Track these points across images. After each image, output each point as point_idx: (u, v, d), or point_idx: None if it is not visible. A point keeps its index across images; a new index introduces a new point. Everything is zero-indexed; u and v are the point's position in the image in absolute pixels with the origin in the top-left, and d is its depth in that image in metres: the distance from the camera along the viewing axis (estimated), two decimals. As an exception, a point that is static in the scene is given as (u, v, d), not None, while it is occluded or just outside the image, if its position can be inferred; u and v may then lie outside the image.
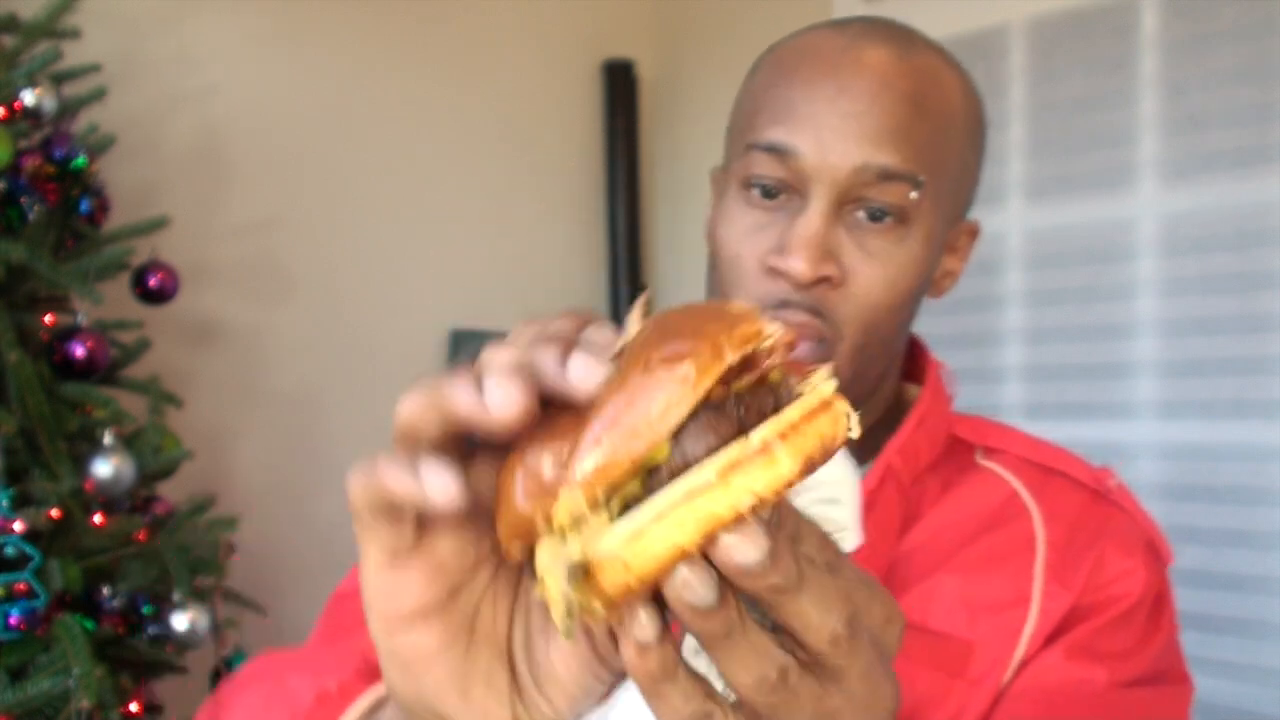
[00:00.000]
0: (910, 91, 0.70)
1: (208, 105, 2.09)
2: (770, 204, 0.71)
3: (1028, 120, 2.27)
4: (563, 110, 2.63)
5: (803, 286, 0.69)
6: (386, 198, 2.35)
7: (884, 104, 0.69)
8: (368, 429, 2.28)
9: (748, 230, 0.72)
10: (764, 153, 0.70)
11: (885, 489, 0.76)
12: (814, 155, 0.69)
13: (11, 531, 1.33)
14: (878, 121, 0.68)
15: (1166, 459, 2.08)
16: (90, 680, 1.32)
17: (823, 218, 0.69)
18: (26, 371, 1.42)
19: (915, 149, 0.69)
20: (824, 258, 0.69)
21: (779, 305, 0.70)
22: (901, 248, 0.71)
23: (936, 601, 0.73)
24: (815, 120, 0.69)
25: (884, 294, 0.71)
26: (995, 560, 0.74)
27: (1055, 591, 0.73)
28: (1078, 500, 0.78)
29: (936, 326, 2.62)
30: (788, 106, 0.70)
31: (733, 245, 0.73)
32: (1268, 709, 1.92)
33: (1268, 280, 1.98)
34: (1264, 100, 1.99)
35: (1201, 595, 1.97)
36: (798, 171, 0.69)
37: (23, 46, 1.53)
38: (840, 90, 0.69)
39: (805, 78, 0.70)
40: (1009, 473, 0.79)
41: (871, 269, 0.70)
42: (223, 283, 2.10)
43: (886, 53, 0.70)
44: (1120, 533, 0.76)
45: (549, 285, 2.59)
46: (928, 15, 2.43)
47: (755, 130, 0.72)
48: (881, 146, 0.68)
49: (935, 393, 0.81)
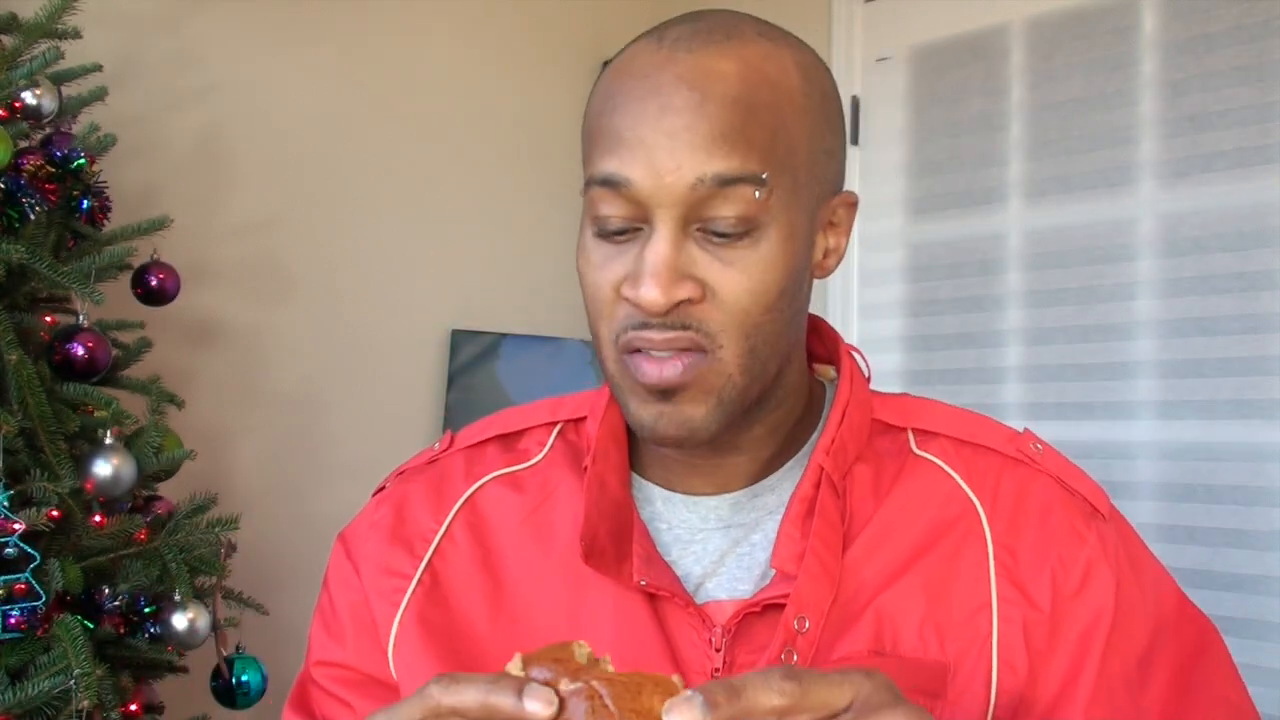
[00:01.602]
0: (735, 92, 0.68)
1: (208, 105, 2.09)
2: (620, 239, 0.71)
3: (1027, 120, 2.27)
4: (563, 110, 2.63)
5: (659, 314, 0.68)
6: (386, 198, 2.36)
7: (708, 112, 0.67)
8: (368, 429, 2.28)
9: (600, 263, 0.72)
10: (601, 187, 0.70)
11: (822, 495, 0.74)
12: (648, 181, 0.67)
13: (11, 531, 1.33)
14: (704, 131, 0.67)
15: (1166, 459, 2.08)
16: (90, 680, 1.32)
17: (670, 243, 0.68)
18: (27, 372, 1.42)
19: (750, 148, 0.68)
20: (676, 282, 0.68)
21: (640, 326, 0.69)
22: (757, 252, 0.69)
23: (903, 627, 0.72)
24: (644, 145, 0.68)
25: (752, 300, 0.69)
26: (951, 569, 0.74)
27: (1010, 595, 0.73)
28: (1013, 481, 0.77)
29: (936, 327, 2.64)
30: (616, 136, 0.69)
31: (590, 276, 0.73)
32: (1268, 709, 1.92)
33: (1268, 280, 1.98)
34: (1264, 100, 1.99)
35: (1201, 595, 1.96)
36: (637, 201, 0.68)
37: (23, 46, 1.53)
38: (663, 109, 0.68)
39: (629, 101, 0.69)
40: (945, 462, 0.78)
41: (733, 279, 0.69)
42: (223, 283, 2.10)
43: (705, 57, 0.69)
44: (1061, 512, 0.76)
45: (549, 285, 2.59)
46: (928, 15, 2.44)
47: (591, 164, 0.71)
48: (713, 155, 0.67)
49: (852, 379, 0.80)
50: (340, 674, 0.80)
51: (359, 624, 0.80)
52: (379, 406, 2.32)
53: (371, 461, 0.80)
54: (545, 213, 2.58)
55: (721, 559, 0.76)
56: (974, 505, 0.76)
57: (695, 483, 0.78)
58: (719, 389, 0.70)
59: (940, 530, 0.75)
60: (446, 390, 2.42)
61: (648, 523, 0.78)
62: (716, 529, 0.77)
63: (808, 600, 0.71)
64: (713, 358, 0.69)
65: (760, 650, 0.72)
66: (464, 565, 0.79)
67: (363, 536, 0.82)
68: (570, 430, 0.84)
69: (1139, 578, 0.77)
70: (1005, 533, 0.75)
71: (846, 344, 0.83)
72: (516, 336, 2.49)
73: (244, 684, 1.62)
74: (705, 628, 0.73)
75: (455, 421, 2.37)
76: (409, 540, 0.80)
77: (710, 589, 0.75)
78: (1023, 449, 0.78)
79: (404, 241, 2.38)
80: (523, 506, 0.80)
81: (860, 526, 0.75)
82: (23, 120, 1.49)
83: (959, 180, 2.37)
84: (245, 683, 1.62)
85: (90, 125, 1.63)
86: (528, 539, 0.79)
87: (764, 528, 0.76)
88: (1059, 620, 0.73)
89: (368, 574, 0.80)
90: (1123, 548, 0.77)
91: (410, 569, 0.79)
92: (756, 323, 0.70)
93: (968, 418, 0.81)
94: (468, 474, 0.82)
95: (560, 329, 2.57)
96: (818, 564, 0.72)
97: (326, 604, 0.83)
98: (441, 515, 0.81)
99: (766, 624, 0.72)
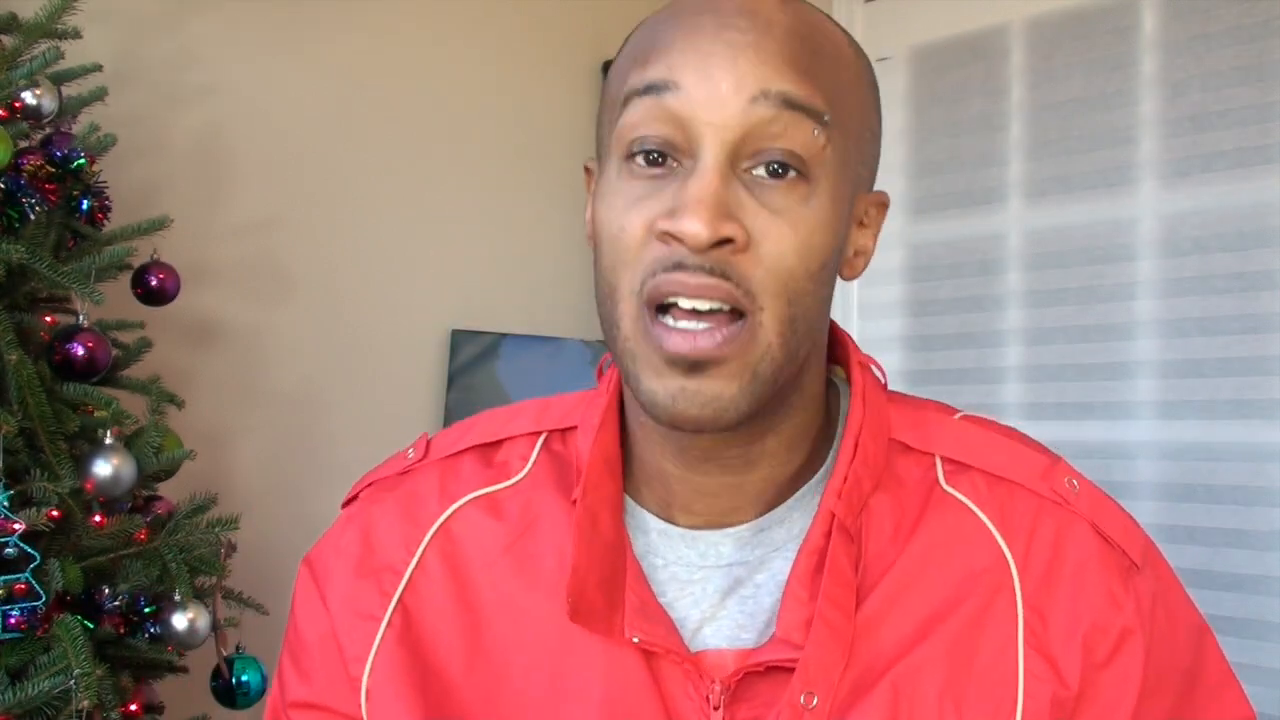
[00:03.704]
0: (800, 29, 0.62)
1: (208, 105, 2.09)
2: (656, 171, 0.62)
3: (1028, 120, 2.27)
4: (563, 110, 2.63)
5: (701, 250, 0.59)
6: (386, 198, 2.35)
7: (775, 35, 0.61)
8: (368, 429, 2.28)
9: (631, 203, 0.62)
10: (644, 97, 0.61)
11: (833, 547, 0.66)
12: (702, 91, 0.59)
13: (11, 531, 1.33)
14: (771, 49, 0.60)
15: (1166, 459, 2.08)
16: (90, 680, 1.32)
17: (718, 173, 0.60)
18: (26, 372, 1.42)
19: (816, 82, 0.61)
20: (723, 216, 0.59)
21: (674, 267, 0.60)
22: (808, 207, 0.62)
23: (921, 701, 0.66)
24: (699, 52, 0.60)
25: (798, 259, 0.61)
26: (977, 633, 0.67)
27: (1038, 669, 0.67)
28: (1048, 529, 0.70)
29: (936, 326, 2.63)
30: (666, 45, 0.61)
31: (616, 221, 0.62)
32: (1268, 709, 1.92)
33: (1268, 280, 1.98)
34: (1264, 100, 1.99)
35: (1201, 595, 1.96)
36: (685, 120, 0.60)
37: (23, 46, 1.53)
38: (723, 24, 0.60)
39: (682, 16, 0.62)
40: (975, 504, 0.70)
41: (780, 230, 0.61)
42: (223, 283, 2.10)
43: (762, 2, 0.63)
44: (1097, 572, 0.69)
45: (549, 285, 2.59)
46: (928, 15, 2.44)
47: (631, 80, 0.62)
48: (781, 72, 0.60)
49: (865, 399, 0.71)
50: (317, 717, 0.74)
51: (328, 658, 0.74)
52: (379, 406, 2.32)
53: (371, 461, 0.80)
54: (545, 213, 2.58)
55: (722, 601, 0.69)
56: (1005, 557, 0.69)
57: (698, 508, 0.70)
58: (755, 363, 0.62)
59: (967, 585, 0.68)
60: (446, 390, 2.42)
61: (641, 558, 0.70)
62: (717, 568, 0.70)
63: (816, 673, 0.65)
64: (753, 322, 0.61)
65: (763, 709, 0.66)
66: (438, 601, 0.72)
67: (329, 565, 0.77)
68: (556, 441, 0.76)
69: (1174, 636, 0.72)
70: (1036, 593, 0.68)
71: (861, 355, 0.74)
72: (516, 336, 2.49)
73: (244, 684, 1.62)
74: (703, 683, 0.67)
75: (455, 421, 2.37)
76: (377, 572, 0.74)
77: (707, 636, 0.69)
78: (1058, 488, 0.71)
79: (404, 241, 2.38)
80: (503, 535, 0.72)
81: (878, 575, 0.68)
82: (23, 120, 1.49)
83: (959, 180, 2.37)
84: (245, 683, 1.62)
85: (90, 125, 1.63)
86: (508, 573, 0.71)
87: (770, 568, 0.70)
88: (1085, 693, 0.68)
89: (335, 606, 0.74)
90: (1160, 604, 0.71)
91: (379, 609, 0.72)
92: (800, 288, 0.62)
93: (999, 445, 0.73)
94: (442, 494, 0.75)
95: (560, 329, 2.57)
96: (828, 630, 0.65)
97: (294, 636, 0.77)
98: (413, 544, 0.74)
99: (770, 683, 0.66)
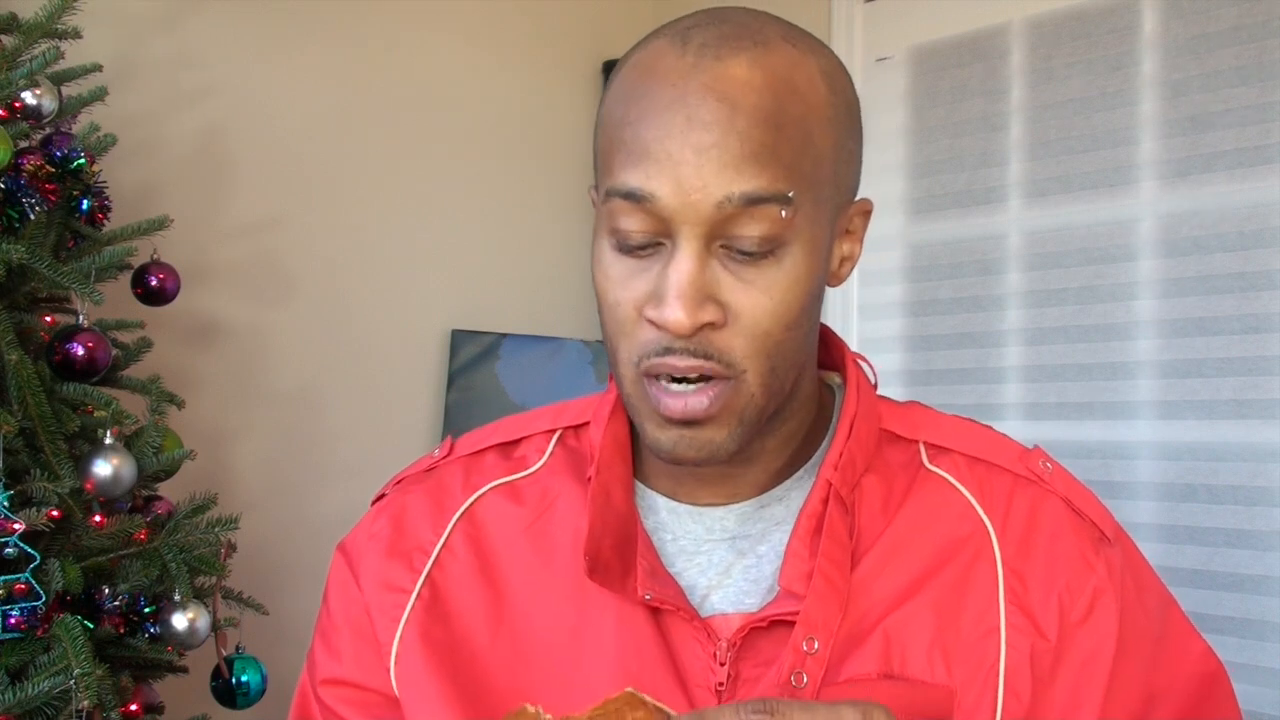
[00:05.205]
0: (766, 106, 0.66)
1: (208, 105, 2.09)
2: (642, 253, 0.69)
3: (1027, 120, 2.27)
4: (563, 110, 2.63)
5: (684, 336, 0.67)
6: (386, 198, 2.36)
7: (739, 128, 0.65)
8: (368, 429, 2.28)
9: (622, 280, 0.70)
10: (624, 200, 0.68)
11: (830, 512, 0.73)
12: (674, 198, 0.66)
13: (11, 531, 1.33)
14: (734, 149, 0.65)
15: (1166, 459, 2.08)
16: (90, 680, 1.32)
17: (694, 260, 0.66)
18: (26, 371, 1.42)
19: (779, 166, 0.66)
20: (701, 304, 0.66)
21: (663, 352, 0.68)
22: (780, 269, 0.68)
23: (911, 647, 0.72)
24: (670, 160, 0.66)
25: (773, 321, 0.68)
26: (961, 590, 0.73)
27: (1018, 621, 0.73)
28: (1024, 501, 0.77)
29: (936, 327, 2.63)
30: (641, 148, 0.67)
31: (611, 293, 0.70)
32: (1268, 709, 1.92)
33: (1268, 280, 1.98)
34: (1264, 100, 1.99)
35: (1201, 595, 1.97)
36: (660, 216, 0.67)
37: (23, 46, 1.53)
38: (690, 121, 0.66)
39: (653, 110, 0.67)
40: (956, 479, 0.77)
41: (755, 300, 0.68)
42: (223, 283, 2.10)
43: (733, 65, 0.67)
44: (1070, 537, 0.75)
45: (549, 285, 2.59)
46: (928, 15, 2.44)
47: (612, 174, 0.69)
48: (742, 173, 0.65)
49: (859, 389, 0.79)
50: (345, 693, 0.79)
51: (360, 635, 0.79)
52: (379, 406, 2.32)
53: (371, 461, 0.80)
54: (545, 213, 2.58)
55: (727, 571, 0.76)
56: (985, 525, 0.75)
57: (702, 493, 0.77)
58: (741, 411, 0.70)
59: (951, 549, 0.75)
60: (446, 390, 2.42)
61: (651, 534, 0.77)
62: (722, 540, 0.77)
63: (817, 620, 0.71)
64: (737, 382, 0.69)
65: (765, 665, 0.71)
66: (463, 577, 0.78)
67: (362, 548, 0.82)
68: (570, 436, 0.83)
69: (1144, 603, 0.77)
70: (1015, 556, 0.74)
71: (853, 352, 0.82)
72: (516, 336, 2.49)
73: (244, 684, 1.62)
74: (710, 641, 0.72)
75: (455, 421, 2.37)
76: (407, 553, 0.80)
77: (715, 602, 0.75)
78: (1032, 468, 0.78)
79: (404, 241, 2.38)
80: (522, 518, 0.80)
81: (870, 543, 0.75)
82: (23, 120, 1.49)
83: (959, 180, 2.37)
84: (245, 683, 1.62)
85: (90, 125, 1.63)
86: (528, 551, 0.78)
87: (771, 540, 0.76)
88: (1064, 648, 0.73)
89: (368, 586, 0.80)
90: (1129, 573, 0.76)
91: (409, 583, 0.78)
92: (778, 342, 0.69)
93: (978, 432, 0.81)
94: (466, 484, 0.82)
95: (560, 329, 2.57)
96: (826, 583, 0.71)
97: (326, 618, 0.83)
98: (440, 527, 0.80)
99: (772, 639, 0.71)
